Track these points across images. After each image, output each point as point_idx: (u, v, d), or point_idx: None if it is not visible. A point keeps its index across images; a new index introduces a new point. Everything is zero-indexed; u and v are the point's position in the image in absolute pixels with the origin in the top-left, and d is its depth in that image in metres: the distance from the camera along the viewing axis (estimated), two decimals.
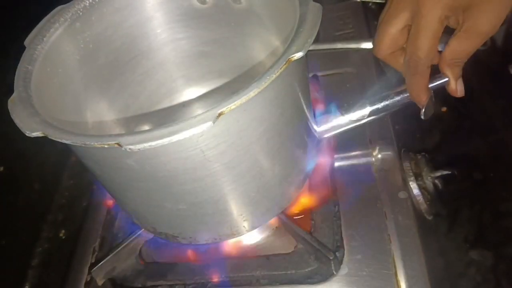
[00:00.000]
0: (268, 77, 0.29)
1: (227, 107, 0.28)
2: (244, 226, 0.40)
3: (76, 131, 0.31)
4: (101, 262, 0.45)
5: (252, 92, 0.28)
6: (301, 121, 0.39)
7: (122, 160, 0.32)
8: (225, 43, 0.50)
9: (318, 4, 0.34)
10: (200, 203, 0.37)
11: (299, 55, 0.30)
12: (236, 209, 0.39)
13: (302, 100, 0.38)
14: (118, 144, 0.27)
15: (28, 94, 0.35)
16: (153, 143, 0.27)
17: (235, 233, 0.40)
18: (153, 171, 0.32)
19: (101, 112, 0.47)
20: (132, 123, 0.51)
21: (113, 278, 0.46)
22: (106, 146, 0.28)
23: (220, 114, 0.28)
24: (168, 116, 0.54)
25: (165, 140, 0.27)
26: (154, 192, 0.36)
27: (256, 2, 0.44)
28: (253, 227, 0.41)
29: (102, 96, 0.47)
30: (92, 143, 0.29)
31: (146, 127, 0.52)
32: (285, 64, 0.29)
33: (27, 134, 0.31)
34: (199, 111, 0.29)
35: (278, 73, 0.29)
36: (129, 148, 0.27)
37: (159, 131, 0.27)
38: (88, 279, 0.47)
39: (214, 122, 0.27)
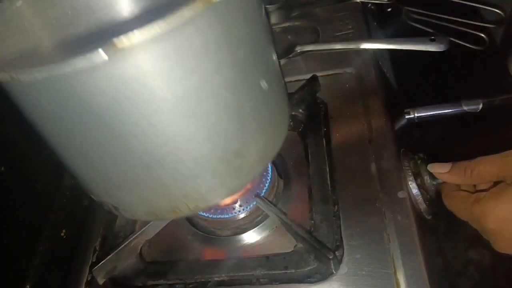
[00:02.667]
0: (178, 15, 0.24)
1: (124, 41, 0.23)
2: (184, 203, 0.35)
3: None
4: (102, 261, 0.46)
5: (156, 26, 0.24)
6: (252, 91, 0.33)
7: (33, 98, 0.29)
8: None
9: None
10: (127, 166, 0.32)
11: None
12: (171, 181, 0.33)
13: (250, 65, 0.32)
14: (10, 76, 0.25)
15: None
16: (44, 74, 0.24)
17: (176, 210, 0.35)
18: (65, 114, 0.29)
19: None
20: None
21: (114, 277, 0.46)
22: (8, 78, 0.25)
23: (119, 48, 0.23)
24: None
25: (56, 71, 0.24)
26: (76, 145, 0.32)
27: None
28: (198, 207, 0.35)
29: None
30: None
31: None
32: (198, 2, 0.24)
33: None
34: None
35: (193, 10, 0.24)
36: (22, 78, 0.25)
37: (51, 59, 0.24)
38: (89, 278, 0.48)
39: (110, 57, 0.23)
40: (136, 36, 0.23)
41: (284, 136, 0.39)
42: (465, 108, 0.53)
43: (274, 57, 0.37)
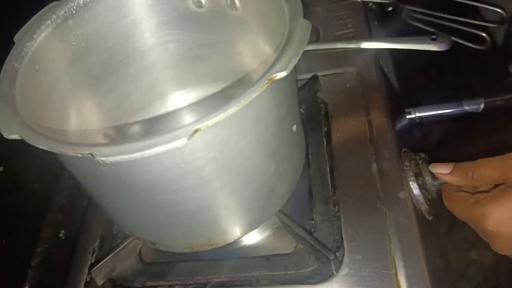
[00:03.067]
0: (248, 96, 0.28)
1: (204, 124, 0.27)
2: (222, 238, 0.40)
3: (54, 136, 0.31)
4: (101, 262, 0.46)
5: (230, 110, 0.27)
6: (287, 136, 0.38)
7: (98, 168, 0.31)
8: (220, 48, 0.49)
9: (307, 22, 0.33)
10: (177, 213, 0.36)
11: (281, 74, 0.29)
12: (214, 222, 0.38)
13: (288, 116, 0.37)
14: (91, 154, 0.27)
15: (12, 93, 0.34)
16: (125, 157, 0.26)
17: (213, 243, 0.40)
18: (129, 180, 0.32)
19: (89, 111, 0.46)
20: (120, 126, 0.50)
21: (113, 278, 0.46)
22: (79, 156, 0.28)
23: (196, 131, 0.27)
24: (159, 119, 0.53)
25: (137, 155, 0.26)
26: (130, 200, 0.36)
27: (250, 11, 0.43)
28: (232, 239, 0.41)
29: (92, 95, 0.46)
30: (66, 152, 0.28)
31: (135, 128, 0.52)
32: (266, 83, 0.28)
33: (5, 136, 0.30)
34: (191, 115, 0.29)
35: (259, 92, 0.28)
36: (101, 160, 0.27)
37: (132, 145, 0.27)
38: (88, 279, 0.47)
39: (189, 139, 0.26)
40: (214, 119, 0.27)
41: (303, 163, 0.44)
42: (467, 108, 0.52)
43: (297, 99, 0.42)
